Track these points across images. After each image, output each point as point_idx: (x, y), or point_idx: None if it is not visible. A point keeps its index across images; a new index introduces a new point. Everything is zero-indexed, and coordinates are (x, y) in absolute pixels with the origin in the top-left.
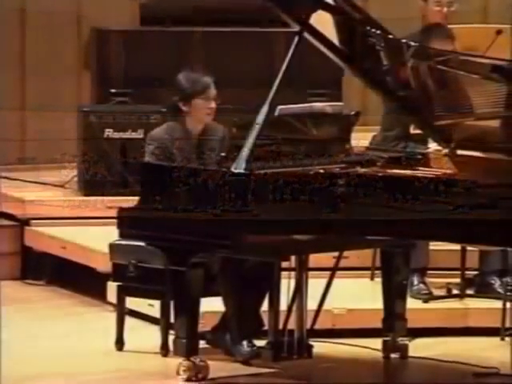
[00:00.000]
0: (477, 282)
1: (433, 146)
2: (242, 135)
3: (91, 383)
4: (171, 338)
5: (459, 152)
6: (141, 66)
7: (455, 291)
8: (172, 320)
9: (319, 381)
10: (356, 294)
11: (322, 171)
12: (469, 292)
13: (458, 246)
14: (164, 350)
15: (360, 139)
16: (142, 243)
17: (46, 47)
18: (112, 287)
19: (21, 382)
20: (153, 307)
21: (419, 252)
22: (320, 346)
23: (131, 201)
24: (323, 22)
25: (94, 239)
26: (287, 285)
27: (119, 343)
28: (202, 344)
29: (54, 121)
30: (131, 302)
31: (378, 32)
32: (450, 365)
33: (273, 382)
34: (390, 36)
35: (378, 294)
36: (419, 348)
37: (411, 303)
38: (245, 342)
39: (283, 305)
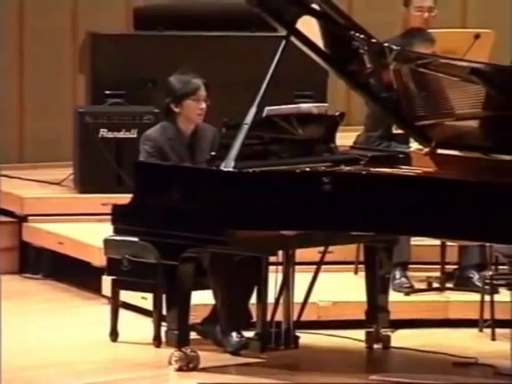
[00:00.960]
0: (456, 276)
1: (414, 145)
2: (231, 135)
3: (87, 373)
4: (163, 329)
5: (439, 151)
6: (134, 68)
7: (436, 284)
8: (164, 312)
9: (305, 370)
10: (340, 287)
11: (308, 169)
12: (449, 285)
13: (438, 241)
14: (156, 341)
15: (345, 138)
16: (135, 239)
17: (43, 50)
18: (107, 281)
19: (20, 372)
20: (146, 300)
21: (401, 247)
22: (306, 337)
23: (125, 198)
24: (309, 26)
25: (90, 235)
26: (275, 278)
27: (113, 335)
28: (193, 335)
29: (50, 121)
30: (125, 295)
31: (362, 36)
32: (431, 355)
33: (261, 371)
34: (373, 40)
35: (362, 288)
36: (401, 339)
37: (393, 296)
38: (234, 334)
39: (271, 297)
